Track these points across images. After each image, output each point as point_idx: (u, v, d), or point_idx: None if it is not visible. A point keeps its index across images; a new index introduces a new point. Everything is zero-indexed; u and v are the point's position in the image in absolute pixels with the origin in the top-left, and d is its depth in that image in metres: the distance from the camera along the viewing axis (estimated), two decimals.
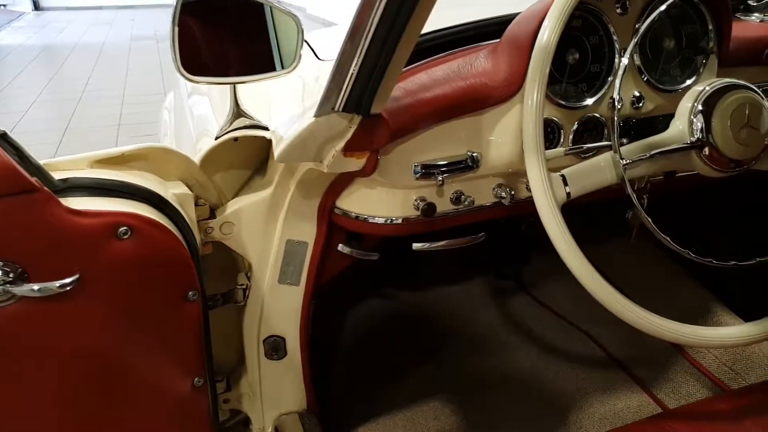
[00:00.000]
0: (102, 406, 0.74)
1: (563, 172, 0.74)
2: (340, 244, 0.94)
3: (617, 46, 0.85)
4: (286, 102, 0.94)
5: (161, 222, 0.70)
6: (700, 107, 0.74)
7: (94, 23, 9.41)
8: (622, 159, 0.73)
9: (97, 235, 0.65)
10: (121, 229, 0.66)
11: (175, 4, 0.66)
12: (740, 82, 0.76)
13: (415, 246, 0.90)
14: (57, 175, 0.68)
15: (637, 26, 0.85)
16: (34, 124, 4.30)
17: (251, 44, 0.77)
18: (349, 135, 0.72)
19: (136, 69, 5.97)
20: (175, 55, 0.68)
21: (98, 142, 3.89)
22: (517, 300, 1.49)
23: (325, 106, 0.69)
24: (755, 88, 0.75)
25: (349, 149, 0.74)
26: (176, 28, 0.66)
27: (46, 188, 0.61)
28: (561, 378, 1.24)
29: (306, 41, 1.21)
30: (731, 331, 0.77)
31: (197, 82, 0.74)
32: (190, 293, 0.75)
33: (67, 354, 0.69)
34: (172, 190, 0.81)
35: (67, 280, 0.64)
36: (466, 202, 0.87)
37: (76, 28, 8.90)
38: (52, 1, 11.15)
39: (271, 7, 0.76)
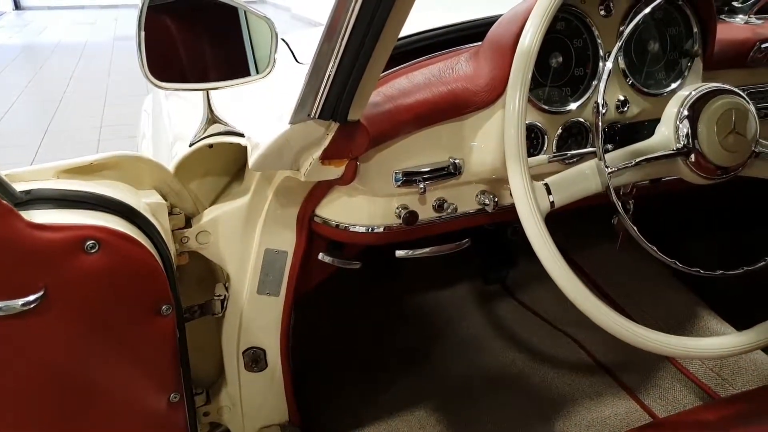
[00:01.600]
0: (72, 424, 0.71)
1: (547, 180, 0.72)
2: (321, 253, 0.92)
3: (601, 49, 0.83)
4: (262, 107, 0.91)
5: (131, 234, 0.67)
6: (685, 112, 0.73)
7: (76, 23, 9.27)
8: (607, 167, 0.71)
9: (63, 249, 0.62)
10: (88, 243, 0.63)
11: (140, 7, 0.63)
12: (726, 86, 0.74)
13: (399, 253, 0.88)
14: (20, 187, 0.65)
15: (621, 29, 0.84)
16: (13, 125, 4.22)
17: (224, 49, 0.75)
18: (326, 143, 0.69)
19: (119, 70, 5.88)
20: (141, 60, 0.65)
21: (80, 143, 3.83)
22: (503, 305, 1.47)
23: (300, 113, 0.67)
24: (741, 93, 0.74)
25: (326, 157, 0.71)
26: (142, 33, 0.63)
27: (5, 201, 0.58)
28: (547, 384, 1.22)
29: (286, 43, 1.19)
30: (719, 341, 0.76)
31: (167, 89, 0.71)
32: (164, 307, 0.72)
33: (34, 372, 0.66)
34: (145, 200, 0.79)
35: (31, 298, 0.61)
36: (449, 210, 0.85)
37: (57, 28, 8.77)
38: (34, 1, 10.98)
39: (245, 11, 0.73)
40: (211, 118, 0.82)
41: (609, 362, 1.25)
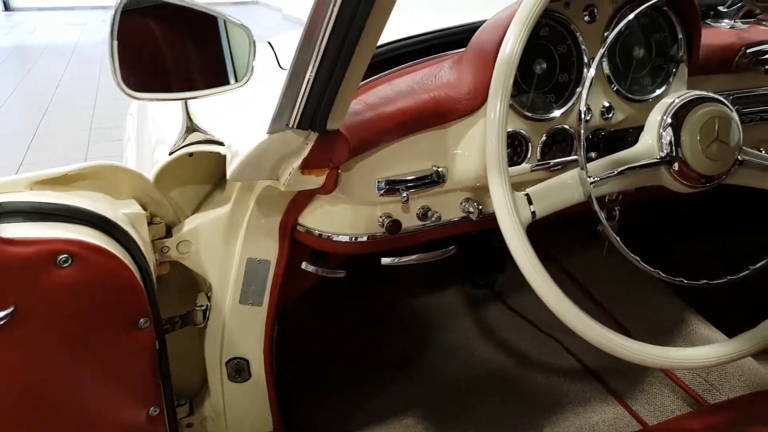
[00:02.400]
0: None
1: (528, 191, 0.71)
2: (304, 262, 0.91)
3: (585, 55, 0.83)
4: (245, 114, 0.90)
5: (106, 247, 0.66)
6: (669, 120, 0.72)
7: (66, 24, 9.21)
8: (589, 177, 0.71)
9: (34, 264, 0.60)
10: (60, 257, 0.62)
11: (113, 14, 0.61)
12: (709, 94, 0.74)
13: (384, 261, 0.87)
14: None
15: (605, 35, 0.83)
16: (1, 127, 4.19)
17: (202, 57, 0.73)
18: (305, 152, 0.68)
19: (109, 71, 5.83)
20: (114, 70, 0.64)
21: (69, 146, 3.80)
22: (492, 310, 1.46)
23: (278, 123, 0.66)
24: (725, 101, 0.73)
25: (306, 167, 0.70)
26: (115, 42, 0.61)
27: None
28: (536, 390, 1.22)
29: (272, 47, 1.18)
30: (704, 351, 0.75)
31: (142, 99, 0.70)
32: (141, 321, 0.71)
33: (7, 389, 0.65)
34: (123, 210, 0.77)
35: (0, 314, 0.59)
36: (433, 218, 0.85)
37: (47, 29, 8.71)
38: (23, 2, 10.90)
39: (223, 20, 0.72)
40: (191, 127, 0.80)
41: (597, 367, 1.24)
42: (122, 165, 0.79)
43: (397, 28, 0.87)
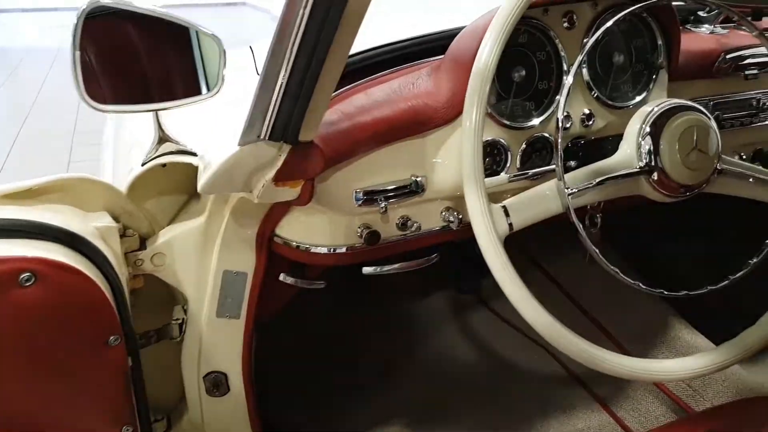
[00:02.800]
0: None
1: (505, 202, 0.70)
2: (282, 274, 0.89)
3: (565, 62, 0.82)
4: (218, 123, 0.88)
5: (72, 263, 0.64)
6: (647, 129, 0.71)
7: (49, 26, 9.09)
8: (567, 188, 0.69)
9: None
10: (22, 276, 0.59)
11: (75, 21, 0.59)
12: (688, 102, 0.73)
13: (366, 270, 0.86)
14: None
15: (585, 41, 0.82)
16: None
17: (171, 67, 0.71)
18: (278, 164, 0.67)
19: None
20: (77, 81, 0.61)
21: (51, 150, 3.74)
22: (478, 315, 1.45)
23: (249, 134, 0.64)
24: (703, 109, 0.73)
25: (280, 179, 0.69)
26: (77, 53, 0.59)
27: None
28: (522, 397, 1.21)
29: (252, 51, 1.16)
30: (686, 363, 0.74)
31: (108, 112, 0.67)
32: (111, 338, 0.69)
33: None
34: (94, 223, 0.75)
35: None
36: (413, 228, 0.83)
37: (30, 31, 8.61)
38: (5, 3, 10.74)
39: (195, 31, 0.70)
40: (162, 138, 0.78)
41: (583, 374, 1.24)
42: (92, 177, 0.77)
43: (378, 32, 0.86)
